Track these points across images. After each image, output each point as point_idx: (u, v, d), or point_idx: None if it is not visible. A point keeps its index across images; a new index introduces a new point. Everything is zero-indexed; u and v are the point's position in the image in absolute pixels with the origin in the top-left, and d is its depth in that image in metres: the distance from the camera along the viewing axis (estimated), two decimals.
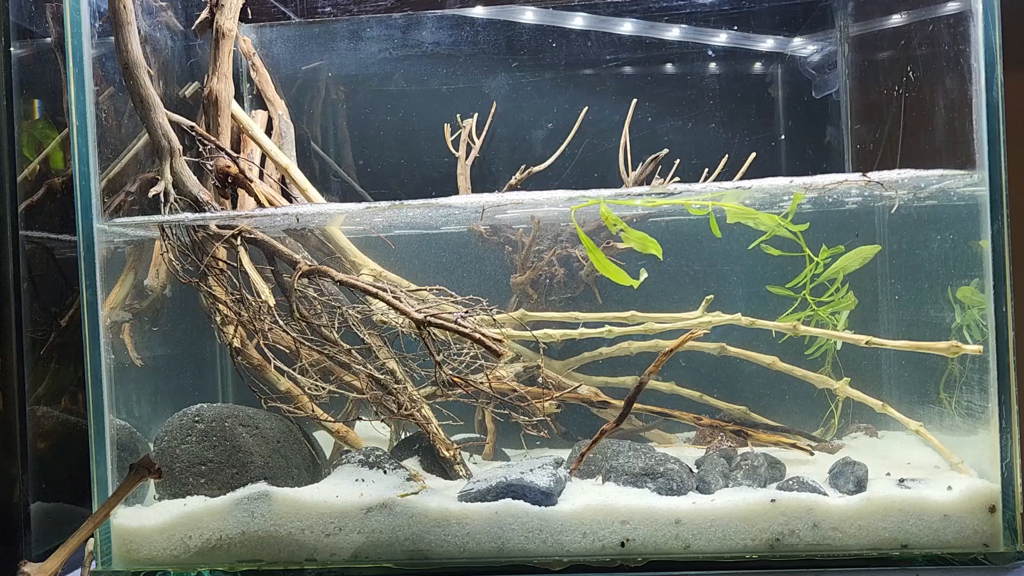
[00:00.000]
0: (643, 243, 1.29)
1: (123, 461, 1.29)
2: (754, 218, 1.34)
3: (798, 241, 1.40)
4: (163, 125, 1.27)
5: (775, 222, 1.36)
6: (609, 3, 1.61)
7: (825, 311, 1.45)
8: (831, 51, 1.57)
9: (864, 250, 1.39)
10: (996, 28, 1.15)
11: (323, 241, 1.49)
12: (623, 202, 1.30)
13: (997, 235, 1.17)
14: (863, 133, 1.56)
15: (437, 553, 1.22)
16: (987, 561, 1.17)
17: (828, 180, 1.25)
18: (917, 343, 1.32)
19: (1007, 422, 1.17)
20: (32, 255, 1.41)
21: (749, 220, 1.35)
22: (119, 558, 1.26)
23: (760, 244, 1.39)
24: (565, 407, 1.52)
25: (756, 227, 1.37)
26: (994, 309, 1.17)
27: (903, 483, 1.24)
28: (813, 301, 1.44)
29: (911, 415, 1.40)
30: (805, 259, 1.42)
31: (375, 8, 1.62)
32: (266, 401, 1.36)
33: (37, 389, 1.41)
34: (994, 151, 1.16)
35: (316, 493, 1.26)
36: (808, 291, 1.45)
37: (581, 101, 1.58)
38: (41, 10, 1.46)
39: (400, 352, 1.37)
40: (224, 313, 1.35)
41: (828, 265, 1.42)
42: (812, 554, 1.18)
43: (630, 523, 1.21)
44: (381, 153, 1.67)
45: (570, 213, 1.33)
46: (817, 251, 1.42)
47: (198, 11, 1.45)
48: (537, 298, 1.59)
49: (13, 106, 1.35)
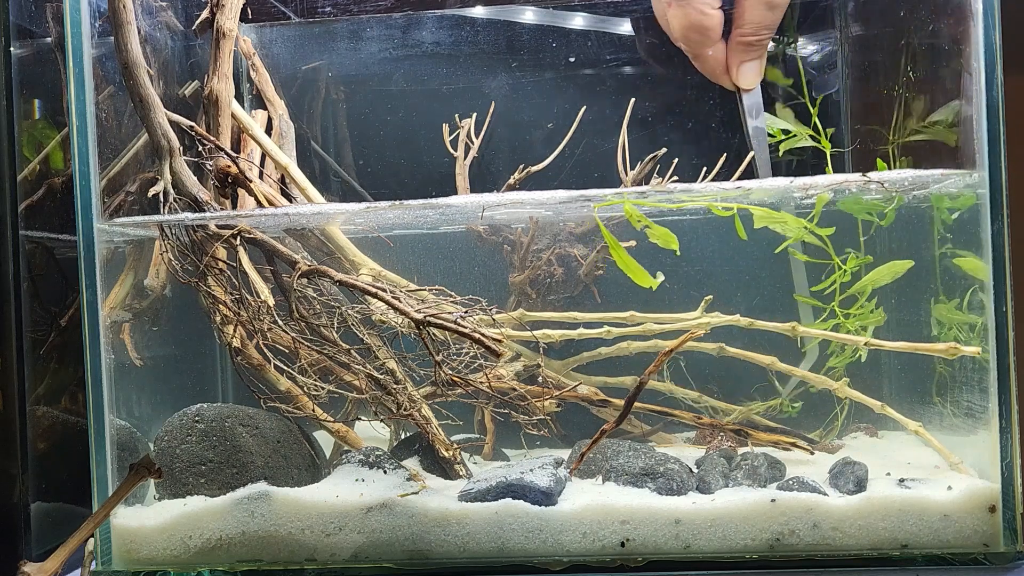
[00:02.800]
0: (666, 239, 1.32)
1: (123, 461, 1.29)
2: (781, 222, 1.35)
3: (826, 248, 1.40)
4: (163, 125, 1.27)
5: (801, 226, 1.36)
6: (609, 3, 1.61)
7: (853, 323, 1.44)
8: (831, 51, 1.57)
9: (896, 265, 1.38)
10: (996, 28, 1.15)
11: (323, 241, 1.49)
12: (643, 203, 1.30)
13: (997, 235, 1.17)
14: (863, 133, 1.56)
15: (437, 553, 1.22)
16: (987, 561, 1.17)
17: (828, 180, 1.25)
18: (916, 344, 1.32)
19: (1007, 422, 1.17)
20: (32, 255, 1.41)
21: (777, 224, 1.36)
22: (119, 558, 1.26)
23: (757, 247, 1.39)
24: (565, 407, 1.52)
25: (783, 231, 1.37)
26: (994, 309, 1.17)
27: (903, 483, 1.24)
28: (841, 312, 1.43)
29: (911, 415, 1.40)
30: (834, 266, 1.41)
31: (375, 8, 1.62)
32: (266, 401, 1.36)
33: (37, 389, 1.41)
34: (994, 151, 1.16)
35: (316, 493, 1.26)
36: (836, 302, 1.44)
37: (581, 101, 1.58)
38: (41, 10, 1.46)
39: (400, 352, 1.37)
40: (224, 313, 1.35)
41: (856, 276, 1.41)
42: (812, 554, 1.18)
43: (630, 523, 1.21)
44: (381, 153, 1.67)
45: (593, 211, 1.33)
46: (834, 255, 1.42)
47: (198, 11, 1.45)
48: (536, 297, 1.59)
49: (13, 106, 1.35)
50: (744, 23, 1.37)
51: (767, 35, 1.39)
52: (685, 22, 1.39)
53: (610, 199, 1.25)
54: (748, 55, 1.39)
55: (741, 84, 1.41)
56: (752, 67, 1.40)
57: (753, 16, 1.35)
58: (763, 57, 1.41)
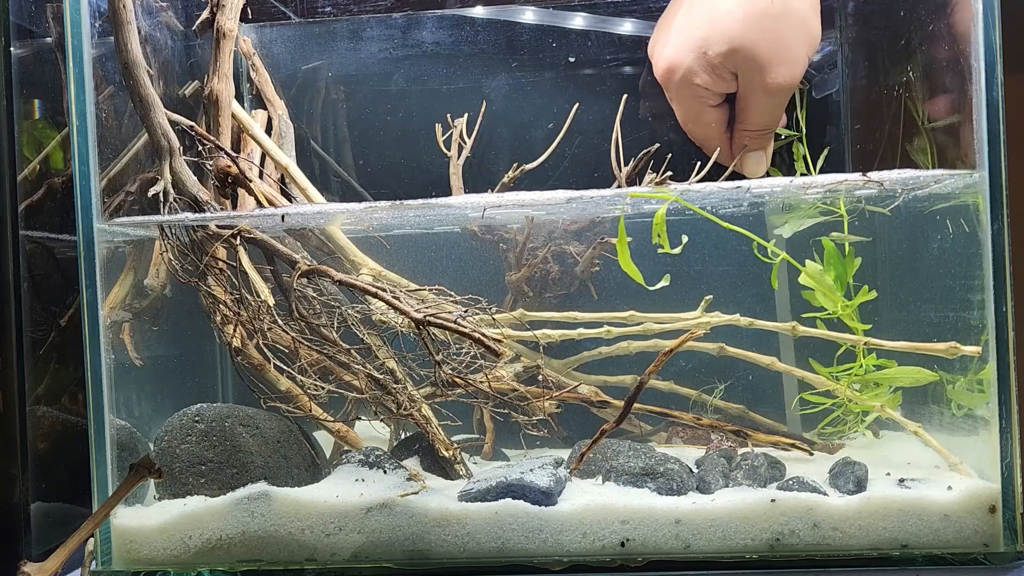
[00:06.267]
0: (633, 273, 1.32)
1: (123, 461, 1.29)
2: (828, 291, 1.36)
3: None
4: (163, 125, 1.27)
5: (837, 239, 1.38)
6: (609, 3, 1.61)
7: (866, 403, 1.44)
8: (831, 51, 1.57)
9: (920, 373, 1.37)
10: (996, 28, 1.15)
11: (323, 241, 1.49)
12: (681, 202, 1.30)
13: (997, 235, 1.17)
14: (863, 133, 1.56)
15: (437, 553, 1.22)
16: (987, 561, 1.17)
17: (828, 180, 1.25)
18: (916, 344, 1.32)
19: (1007, 422, 1.17)
20: (32, 255, 1.41)
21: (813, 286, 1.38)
22: (119, 558, 1.26)
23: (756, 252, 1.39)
24: (565, 407, 1.52)
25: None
26: (994, 309, 1.17)
27: (903, 483, 1.24)
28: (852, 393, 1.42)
29: (910, 416, 1.40)
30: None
31: (375, 8, 1.62)
32: (266, 401, 1.36)
33: (37, 389, 1.41)
34: (994, 151, 1.16)
35: (316, 493, 1.26)
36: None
37: (581, 101, 1.58)
38: (41, 10, 1.46)
39: (400, 352, 1.37)
40: (224, 313, 1.35)
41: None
42: (812, 554, 1.18)
43: (630, 523, 1.21)
44: (381, 153, 1.67)
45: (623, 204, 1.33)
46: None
47: (198, 11, 1.45)
48: (533, 295, 1.59)
49: (13, 106, 1.35)
50: (746, 120, 1.37)
51: (771, 129, 1.40)
52: (686, 117, 1.40)
53: (650, 193, 1.26)
54: (752, 147, 1.39)
55: (746, 174, 1.42)
56: (757, 158, 1.41)
57: (755, 115, 1.36)
58: (768, 148, 1.42)
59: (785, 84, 1.33)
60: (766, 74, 1.31)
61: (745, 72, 1.33)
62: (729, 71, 1.33)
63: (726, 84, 1.35)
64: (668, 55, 1.37)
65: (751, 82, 1.33)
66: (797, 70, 1.33)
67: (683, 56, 1.35)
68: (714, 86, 1.35)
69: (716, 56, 1.31)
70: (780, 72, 1.31)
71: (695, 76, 1.34)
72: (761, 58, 1.31)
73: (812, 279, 1.40)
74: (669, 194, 1.26)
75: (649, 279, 1.34)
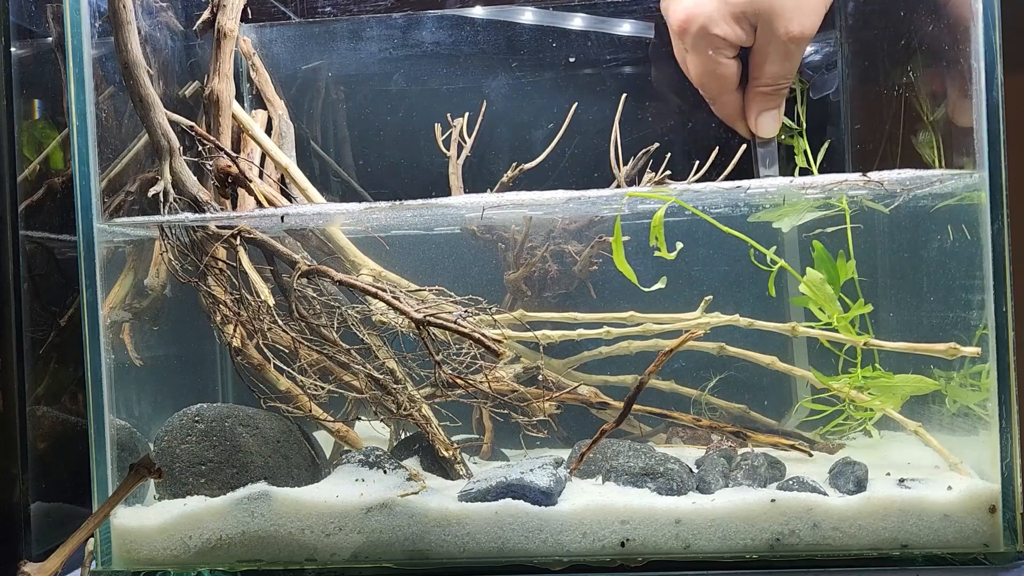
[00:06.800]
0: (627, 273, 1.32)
1: (123, 461, 1.29)
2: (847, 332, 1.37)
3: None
4: (163, 125, 1.27)
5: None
6: (609, 3, 1.61)
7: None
8: (831, 51, 1.57)
9: (922, 381, 1.37)
10: (996, 28, 1.15)
11: (323, 241, 1.49)
12: (679, 202, 1.30)
13: (997, 235, 1.17)
14: (863, 133, 1.56)
15: (437, 553, 1.22)
16: (987, 561, 1.17)
17: (828, 180, 1.25)
18: (916, 344, 1.32)
19: (1007, 422, 1.17)
20: (32, 255, 1.41)
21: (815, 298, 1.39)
22: (119, 558, 1.26)
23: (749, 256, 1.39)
24: (565, 407, 1.52)
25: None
26: (994, 309, 1.17)
27: (903, 483, 1.24)
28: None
29: (911, 415, 1.40)
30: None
31: (375, 8, 1.62)
32: (266, 401, 1.36)
33: (37, 389, 1.41)
34: (994, 151, 1.16)
35: (316, 493, 1.26)
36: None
37: (580, 101, 1.58)
38: (41, 10, 1.46)
39: (400, 352, 1.37)
40: (224, 313, 1.35)
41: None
42: (812, 554, 1.18)
43: (630, 523, 1.21)
44: (381, 153, 1.67)
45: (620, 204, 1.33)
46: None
47: (198, 11, 1.45)
48: (531, 295, 1.59)
49: (13, 106, 1.35)
50: (761, 74, 1.37)
51: (785, 85, 1.40)
52: (702, 69, 1.39)
53: (648, 193, 1.25)
54: (766, 105, 1.39)
55: (759, 133, 1.41)
56: (770, 116, 1.40)
57: (771, 67, 1.36)
58: (781, 107, 1.42)
59: (802, 34, 1.33)
60: (785, 23, 1.32)
61: (764, 21, 1.33)
62: (748, 21, 1.33)
63: (744, 35, 1.35)
64: (687, 5, 1.37)
65: (769, 31, 1.33)
66: (814, 19, 1.34)
67: (703, 5, 1.35)
68: (733, 36, 1.34)
69: (736, 4, 1.32)
70: (798, 22, 1.32)
71: (714, 26, 1.34)
72: (780, 6, 1.31)
73: (811, 289, 1.40)
74: (668, 194, 1.25)
75: (649, 279, 1.34)
